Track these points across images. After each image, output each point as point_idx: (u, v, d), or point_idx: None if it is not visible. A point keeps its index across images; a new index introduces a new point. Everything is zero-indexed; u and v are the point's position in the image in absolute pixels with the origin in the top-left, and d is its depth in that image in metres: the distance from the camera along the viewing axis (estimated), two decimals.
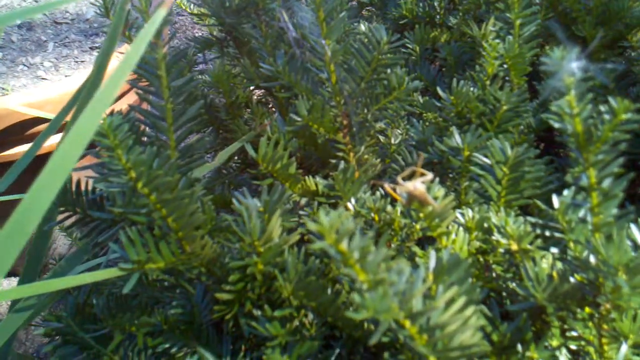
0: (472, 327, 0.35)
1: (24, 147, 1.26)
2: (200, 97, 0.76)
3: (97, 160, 0.54)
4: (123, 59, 0.35)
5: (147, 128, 0.56)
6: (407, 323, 0.33)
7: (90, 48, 1.36)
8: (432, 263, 0.41)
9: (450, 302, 0.35)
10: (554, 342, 0.50)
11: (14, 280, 1.47)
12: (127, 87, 1.32)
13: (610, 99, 0.42)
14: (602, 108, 0.42)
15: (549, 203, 0.51)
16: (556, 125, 0.42)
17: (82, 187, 0.56)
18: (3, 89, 1.26)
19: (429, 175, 0.47)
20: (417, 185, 0.45)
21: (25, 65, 1.32)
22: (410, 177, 0.47)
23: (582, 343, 0.49)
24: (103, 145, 0.45)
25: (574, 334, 0.51)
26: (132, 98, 1.34)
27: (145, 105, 0.56)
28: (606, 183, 0.43)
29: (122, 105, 1.32)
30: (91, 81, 0.59)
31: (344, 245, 0.30)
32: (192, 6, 0.96)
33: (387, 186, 0.49)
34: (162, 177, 0.46)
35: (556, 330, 0.51)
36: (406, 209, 0.52)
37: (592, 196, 0.44)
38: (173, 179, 0.46)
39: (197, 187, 0.52)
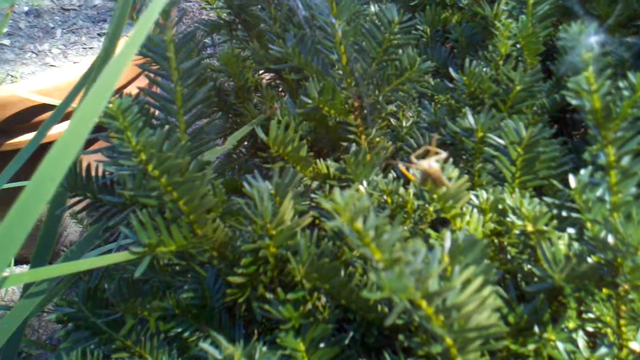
0: (489, 308, 0.35)
1: (33, 135, 1.25)
2: (210, 80, 0.75)
3: (107, 144, 0.53)
4: (128, 40, 0.34)
5: (156, 111, 0.55)
6: (424, 303, 0.33)
7: (98, 34, 1.36)
8: (448, 244, 0.40)
9: (466, 283, 0.35)
10: (571, 324, 0.49)
11: (25, 268, 1.48)
12: (137, 71, 1.31)
13: (630, 75, 0.41)
14: (621, 84, 0.41)
15: (565, 183, 0.50)
16: (574, 102, 0.42)
17: (92, 171, 0.56)
18: (12, 76, 1.25)
19: (443, 154, 0.46)
20: (432, 164, 0.45)
21: (33, 52, 1.31)
22: (424, 156, 0.47)
23: (600, 325, 0.48)
24: (113, 127, 0.45)
25: (591, 315, 0.50)
26: (142, 83, 1.33)
27: (155, 89, 0.55)
28: (625, 160, 0.42)
29: (132, 89, 1.32)
30: (97, 65, 0.59)
31: (359, 224, 0.29)
32: None
33: (401, 165, 0.48)
34: (173, 159, 0.45)
35: (573, 312, 0.51)
36: (420, 188, 0.51)
37: (610, 174, 0.43)
38: (184, 161, 0.46)
39: (208, 170, 0.51)
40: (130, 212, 0.52)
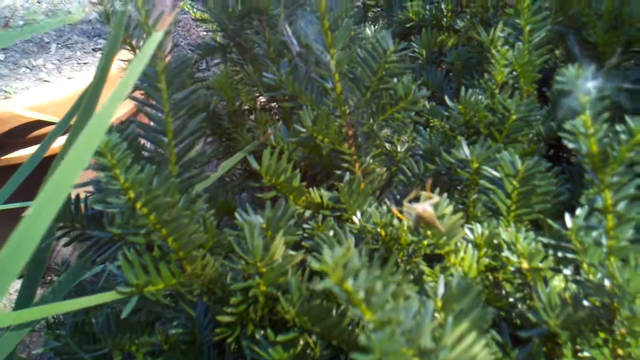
0: None
1: (27, 150, 1.24)
2: (203, 106, 0.74)
3: (97, 174, 0.52)
4: (118, 85, 0.34)
5: (147, 142, 0.54)
6: None
7: (93, 50, 1.35)
8: (441, 289, 0.40)
9: (460, 337, 0.34)
10: None
11: (17, 282, 1.46)
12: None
13: (627, 118, 0.40)
14: (619, 128, 0.40)
15: (561, 217, 0.49)
16: (570, 145, 0.41)
17: (81, 203, 0.55)
18: (5, 91, 1.24)
19: (436, 198, 0.46)
20: (426, 208, 0.44)
21: (27, 67, 1.30)
22: (416, 199, 0.46)
23: None
24: (101, 164, 0.44)
25: (586, 354, 0.49)
26: (128, 105, 1.32)
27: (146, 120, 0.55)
28: (622, 206, 0.41)
29: (123, 108, 1.31)
30: (90, 91, 0.58)
31: (349, 284, 0.28)
32: (195, 10, 0.95)
33: (394, 208, 0.47)
34: (162, 196, 0.44)
35: (568, 352, 0.50)
36: (414, 229, 0.50)
37: (607, 219, 0.42)
38: (173, 199, 0.45)
39: (198, 204, 0.50)
40: (118, 248, 0.51)
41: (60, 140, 1.20)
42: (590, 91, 0.39)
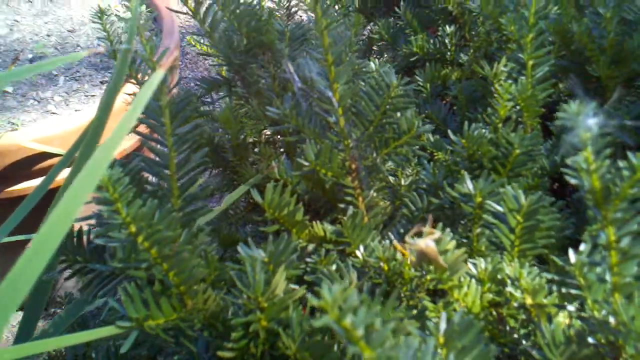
0: None
1: (32, 183, 1.25)
2: (207, 140, 0.75)
3: (99, 208, 0.52)
4: (122, 119, 0.34)
5: (150, 176, 0.55)
6: None
7: (101, 82, 1.37)
8: (443, 325, 0.39)
9: None
10: None
11: (19, 315, 1.46)
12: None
13: (630, 155, 0.40)
14: (621, 164, 0.40)
15: (565, 251, 0.49)
16: (573, 181, 0.41)
17: (83, 236, 0.55)
18: (13, 123, 1.26)
19: (438, 233, 0.45)
20: (429, 244, 0.44)
21: (35, 99, 1.32)
22: (417, 234, 0.46)
23: None
24: (103, 198, 0.44)
25: None
26: (133, 137, 1.33)
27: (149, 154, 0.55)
28: (625, 242, 0.41)
29: (128, 141, 1.32)
30: (94, 125, 0.58)
31: (347, 322, 0.28)
32: (201, 43, 0.96)
33: (396, 243, 0.47)
34: (163, 231, 0.44)
35: None
36: (417, 266, 0.50)
37: (611, 255, 0.42)
38: (174, 233, 0.45)
39: (200, 238, 0.50)
40: (119, 282, 0.51)
41: (65, 173, 1.21)
42: (592, 128, 0.39)
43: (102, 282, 0.54)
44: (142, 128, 0.60)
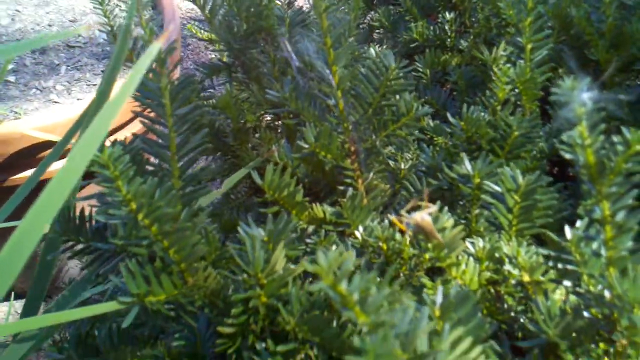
0: None
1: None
2: (207, 123, 0.75)
3: (100, 189, 0.53)
4: (118, 91, 0.34)
5: (151, 157, 0.55)
6: None
7: (102, 71, 1.37)
8: (439, 298, 0.40)
9: (456, 342, 0.34)
10: None
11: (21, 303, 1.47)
12: (131, 115, 1.32)
13: (624, 129, 0.40)
14: (615, 138, 0.40)
15: (562, 232, 0.50)
16: (567, 156, 0.41)
17: (86, 216, 0.56)
18: (15, 112, 1.26)
19: (433, 207, 0.46)
20: (425, 217, 0.44)
21: (38, 88, 1.32)
22: (414, 209, 0.46)
23: None
24: (103, 176, 0.44)
25: None
26: (136, 126, 1.34)
27: (150, 135, 0.55)
28: (620, 216, 0.41)
29: (127, 133, 1.32)
30: (93, 108, 0.59)
31: (342, 286, 0.28)
32: (202, 31, 0.96)
33: (393, 217, 0.48)
34: (164, 208, 0.45)
35: None
36: (414, 240, 0.50)
37: (605, 229, 0.42)
38: (175, 210, 0.45)
39: (200, 217, 0.51)
40: (121, 260, 0.51)
41: (59, 164, 1.21)
42: (586, 102, 0.39)
43: (104, 261, 0.55)
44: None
